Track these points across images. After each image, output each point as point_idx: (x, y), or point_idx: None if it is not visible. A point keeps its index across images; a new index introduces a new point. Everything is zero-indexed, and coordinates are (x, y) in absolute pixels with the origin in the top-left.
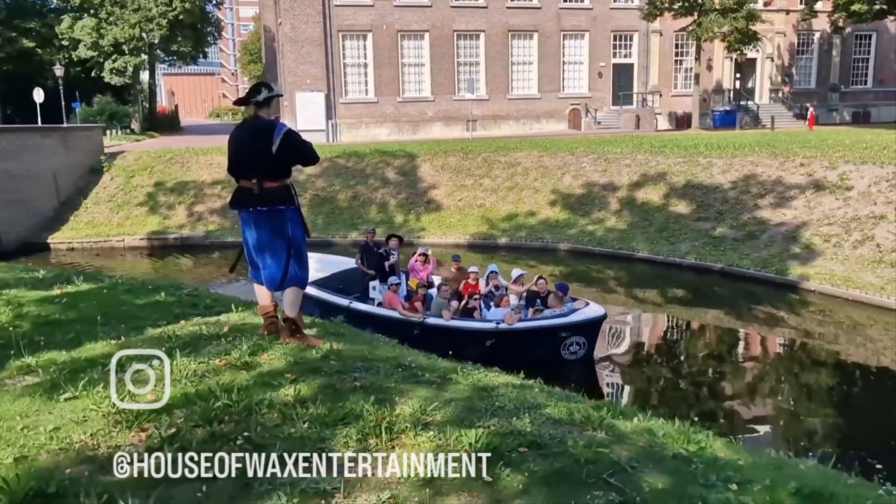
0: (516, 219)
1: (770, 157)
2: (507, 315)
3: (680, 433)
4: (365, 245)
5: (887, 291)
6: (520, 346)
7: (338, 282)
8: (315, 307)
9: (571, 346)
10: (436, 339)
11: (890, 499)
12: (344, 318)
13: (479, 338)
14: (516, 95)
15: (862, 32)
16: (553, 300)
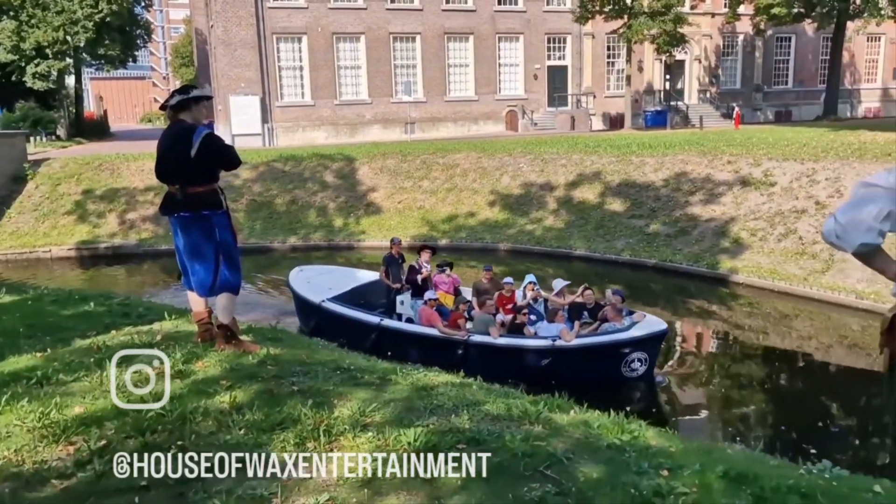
0: (456, 220)
1: (699, 155)
2: (563, 331)
3: (614, 424)
4: (390, 256)
5: (809, 282)
6: (578, 364)
7: (359, 297)
8: (339, 325)
9: (633, 362)
10: (482, 359)
11: (810, 477)
12: (374, 337)
13: (533, 357)
14: (454, 97)
15: (782, 35)
16: (612, 313)
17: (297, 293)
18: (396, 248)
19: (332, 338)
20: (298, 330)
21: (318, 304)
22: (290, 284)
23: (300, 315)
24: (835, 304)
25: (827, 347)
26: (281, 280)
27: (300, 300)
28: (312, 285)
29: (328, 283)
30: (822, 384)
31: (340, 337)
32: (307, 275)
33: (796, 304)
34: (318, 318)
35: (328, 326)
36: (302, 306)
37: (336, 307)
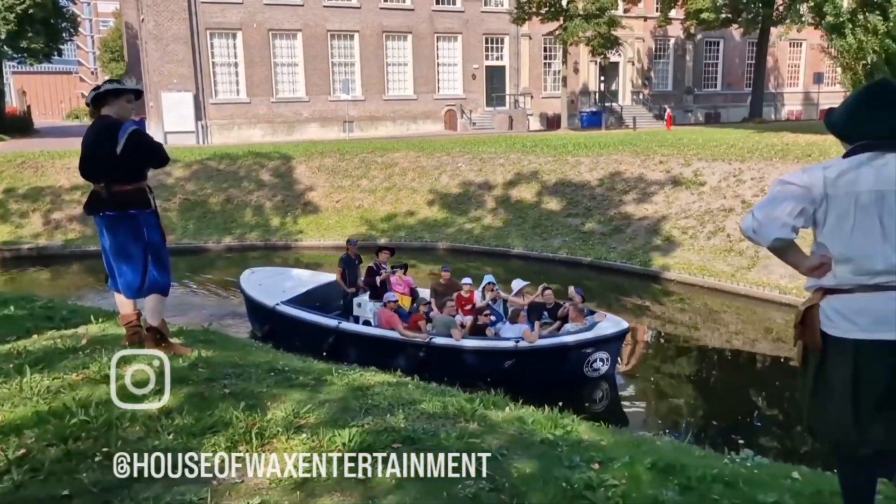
0: (395, 219)
1: (632, 155)
2: (525, 332)
3: (548, 419)
4: (346, 258)
5: (737, 278)
6: (541, 365)
7: (314, 299)
8: (294, 329)
9: (595, 362)
10: (444, 362)
11: (733, 466)
12: (332, 340)
13: (496, 359)
14: (392, 96)
15: (711, 39)
16: (574, 313)
17: (250, 296)
18: (353, 249)
19: (287, 342)
20: (251, 334)
21: (272, 307)
22: (241, 287)
23: (253, 319)
24: (760, 298)
25: (753, 341)
26: (216, 281)
27: (253, 303)
28: (265, 287)
29: (282, 285)
30: (749, 377)
31: (296, 341)
32: (259, 277)
33: (724, 299)
34: (273, 321)
35: (283, 330)
36: (255, 310)
37: (291, 310)
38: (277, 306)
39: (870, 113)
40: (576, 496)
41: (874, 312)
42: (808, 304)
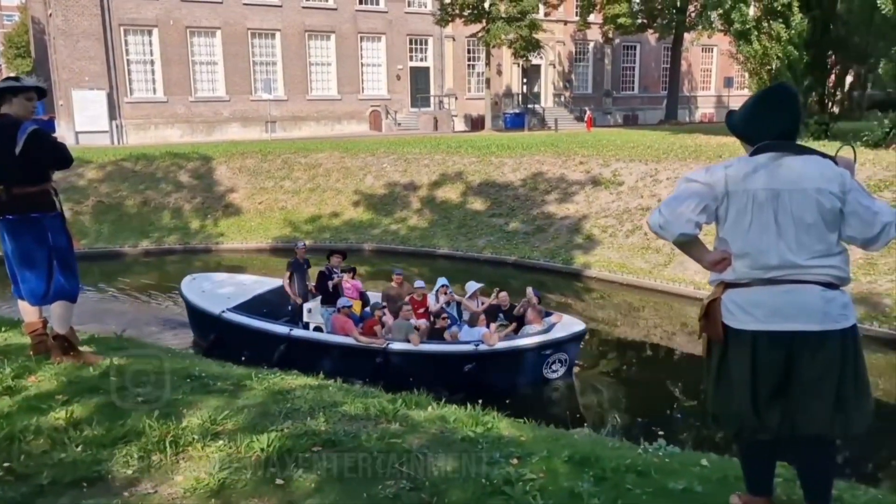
0: (320, 220)
1: (554, 156)
2: (485, 335)
3: (470, 417)
4: (295, 262)
5: (654, 275)
6: (501, 368)
7: (261, 305)
8: (242, 337)
9: (554, 363)
10: (402, 368)
11: (646, 456)
12: (284, 349)
13: (456, 363)
14: (316, 96)
15: (628, 43)
16: (532, 315)
17: (192, 304)
18: (302, 253)
19: (234, 352)
20: (193, 343)
21: (217, 315)
22: (182, 294)
23: (196, 328)
24: (676, 294)
25: (670, 335)
26: (133, 286)
27: (196, 311)
28: (208, 294)
29: (226, 291)
30: (667, 369)
31: (244, 350)
32: (201, 283)
33: (643, 295)
34: (218, 330)
35: (230, 339)
36: (198, 318)
37: (238, 318)
38: (223, 314)
39: (767, 115)
40: (495, 492)
41: (769, 305)
42: (710, 297)
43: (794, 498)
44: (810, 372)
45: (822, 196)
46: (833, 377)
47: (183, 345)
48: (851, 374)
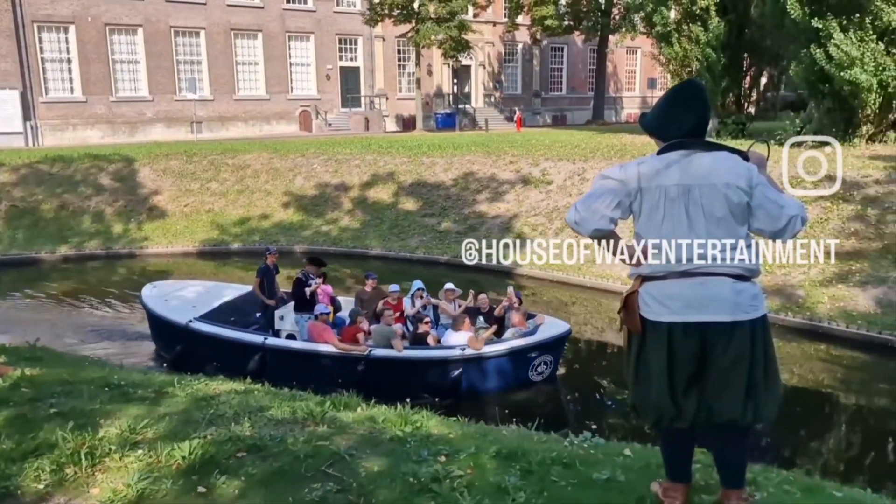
0: (249, 223)
1: (485, 155)
2: (470, 339)
3: (399, 417)
4: (265, 268)
5: (583, 272)
6: (487, 372)
7: (229, 314)
8: (212, 348)
9: (539, 366)
10: (386, 375)
11: (572, 448)
12: (258, 359)
13: (442, 368)
14: (243, 96)
15: (556, 45)
16: (517, 317)
17: (156, 314)
18: (273, 258)
19: (203, 364)
20: (155, 353)
21: (184, 325)
22: (144, 304)
23: (160, 340)
24: (604, 290)
25: (600, 330)
26: (51, 294)
27: (160, 322)
28: (172, 303)
29: (190, 299)
30: (597, 362)
31: (214, 361)
32: (163, 291)
33: (573, 292)
34: (185, 341)
35: (198, 350)
36: (162, 329)
37: (207, 327)
38: (191, 324)
39: (676, 112)
40: (422, 490)
41: (684, 297)
42: (629, 291)
43: (711, 483)
44: (723, 361)
45: (730, 191)
46: (744, 365)
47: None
48: (762, 362)
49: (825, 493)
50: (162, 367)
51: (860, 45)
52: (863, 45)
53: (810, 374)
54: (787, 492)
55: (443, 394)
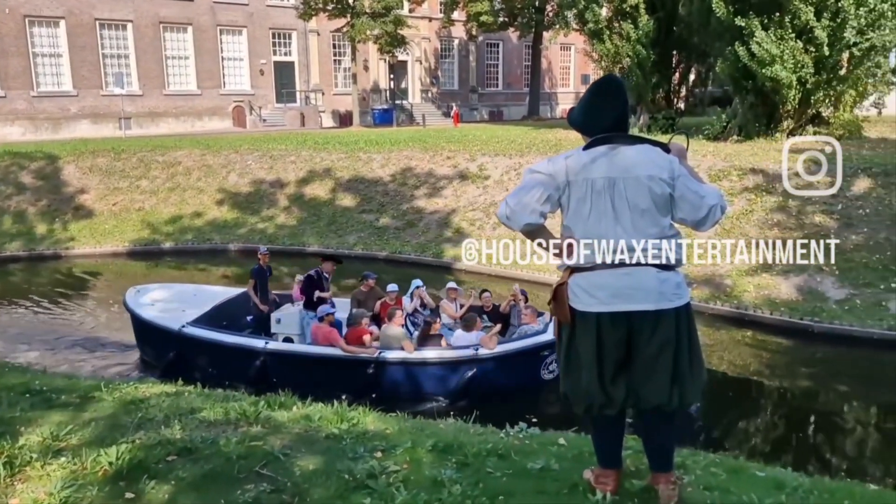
0: (181, 221)
1: (422, 151)
2: (483, 339)
3: (335, 414)
4: (258, 269)
5: (520, 265)
6: (501, 372)
7: (220, 317)
8: (208, 354)
9: (551, 364)
10: (396, 377)
11: (507, 439)
12: (259, 364)
13: (455, 369)
14: (174, 91)
15: (492, 41)
16: (528, 315)
17: (146, 320)
18: (266, 259)
19: (197, 370)
20: (140, 361)
21: (177, 330)
22: (130, 310)
23: (148, 347)
24: (541, 283)
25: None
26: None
27: (149, 328)
28: (160, 308)
29: (179, 303)
30: None
31: (210, 368)
32: (148, 296)
33: (511, 285)
34: (178, 348)
35: (192, 357)
36: (152, 336)
37: (203, 332)
38: (184, 329)
39: (598, 107)
40: (358, 486)
41: (611, 287)
42: (558, 282)
43: (641, 468)
44: (649, 348)
45: (653, 182)
46: (670, 352)
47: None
48: (686, 349)
49: (749, 473)
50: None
51: (780, 43)
52: (782, 44)
53: (738, 359)
54: (713, 473)
55: (455, 395)
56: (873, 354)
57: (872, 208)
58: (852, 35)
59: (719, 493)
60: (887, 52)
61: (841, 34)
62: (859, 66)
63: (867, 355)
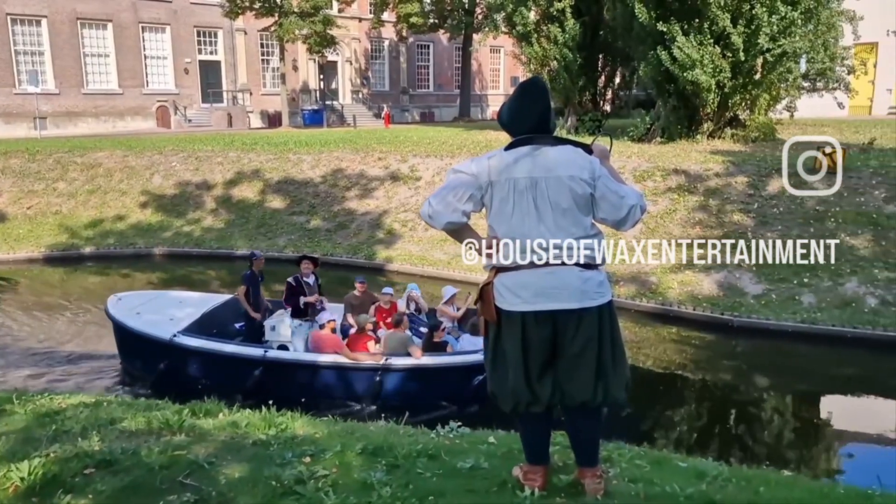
0: (102, 225)
1: (353, 152)
2: None
3: (263, 420)
4: (250, 275)
5: (452, 266)
6: None
7: (209, 325)
8: (202, 365)
9: None
10: (405, 386)
11: (438, 439)
12: (258, 374)
13: (464, 375)
14: (93, 90)
15: (422, 42)
16: None
17: (132, 329)
18: (260, 265)
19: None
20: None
21: (168, 340)
22: (113, 319)
23: (135, 358)
24: (474, 283)
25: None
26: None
27: (136, 338)
28: (146, 316)
29: (165, 311)
30: None
31: (205, 379)
32: (131, 303)
33: (444, 285)
34: (169, 358)
35: (185, 367)
36: (138, 346)
37: (197, 342)
38: (175, 338)
39: (522, 108)
40: (286, 492)
41: (534, 286)
42: (484, 282)
43: (569, 463)
44: (573, 346)
45: (574, 183)
46: (593, 349)
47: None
48: (609, 345)
49: (672, 464)
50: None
51: (700, 48)
52: (702, 48)
53: (663, 354)
54: (638, 466)
55: (465, 401)
56: (788, 346)
57: (785, 207)
58: (766, 41)
59: (643, 485)
60: (798, 58)
61: (755, 40)
62: (773, 71)
63: (782, 347)
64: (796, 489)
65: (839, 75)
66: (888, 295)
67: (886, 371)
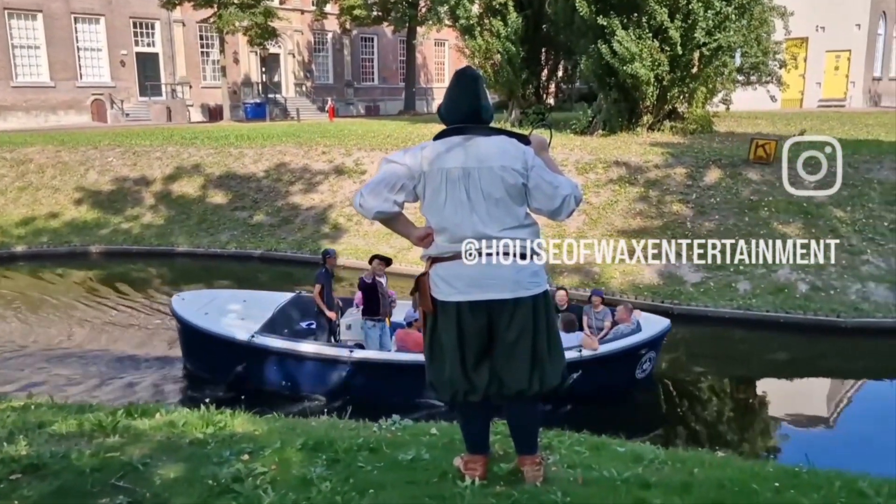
0: (34, 223)
1: (296, 146)
2: (584, 340)
3: (200, 419)
4: (325, 273)
5: (399, 259)
6: (600, 373)
7: (280, 325)
8: (282, 367)
9: (645, 363)
10: None
11: (379, 433)
12: (346, 375)
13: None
14: (23, 83)
15: (366, 35)
16: (623, 313)
17: (208, 332)
18: (333, 262)
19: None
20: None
21: (246, 342)
22: (185, 321)
23: (207, 361)
24: (413, 275)
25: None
26: None
27: (211, 340)
28: (214, 317)
29: (233, 311)
30: None
31: (285, 381)
32: (196, 304)
33: (392, 280)
34: (248, 360)
35: (264, 369)
36: (214, 349)
37: (279, 343)
38: (255, 339)
39: (456, 98)
40: (223, 491)
41: (468, 277)
42: (422, 272)
43: (509, 451)
44: (509, 335)
45: (505, 173)
46: (528, 339)
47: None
48: (544, 334)
49: (610, 449)
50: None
51: (639, 42)
52: (641, 42)
53: None
54: (577, 452)
55: (556, 399)
56: (725, 332)
57: (722, 197)
58: (702, 36)
59: (582, 470)
60: (732, 52)
61: (692, 34)
62: (709, 65)
63: (720, 333)
64: (728, 469)
65: (772, 69)
66: (818, 281)
67: (817, 354)
